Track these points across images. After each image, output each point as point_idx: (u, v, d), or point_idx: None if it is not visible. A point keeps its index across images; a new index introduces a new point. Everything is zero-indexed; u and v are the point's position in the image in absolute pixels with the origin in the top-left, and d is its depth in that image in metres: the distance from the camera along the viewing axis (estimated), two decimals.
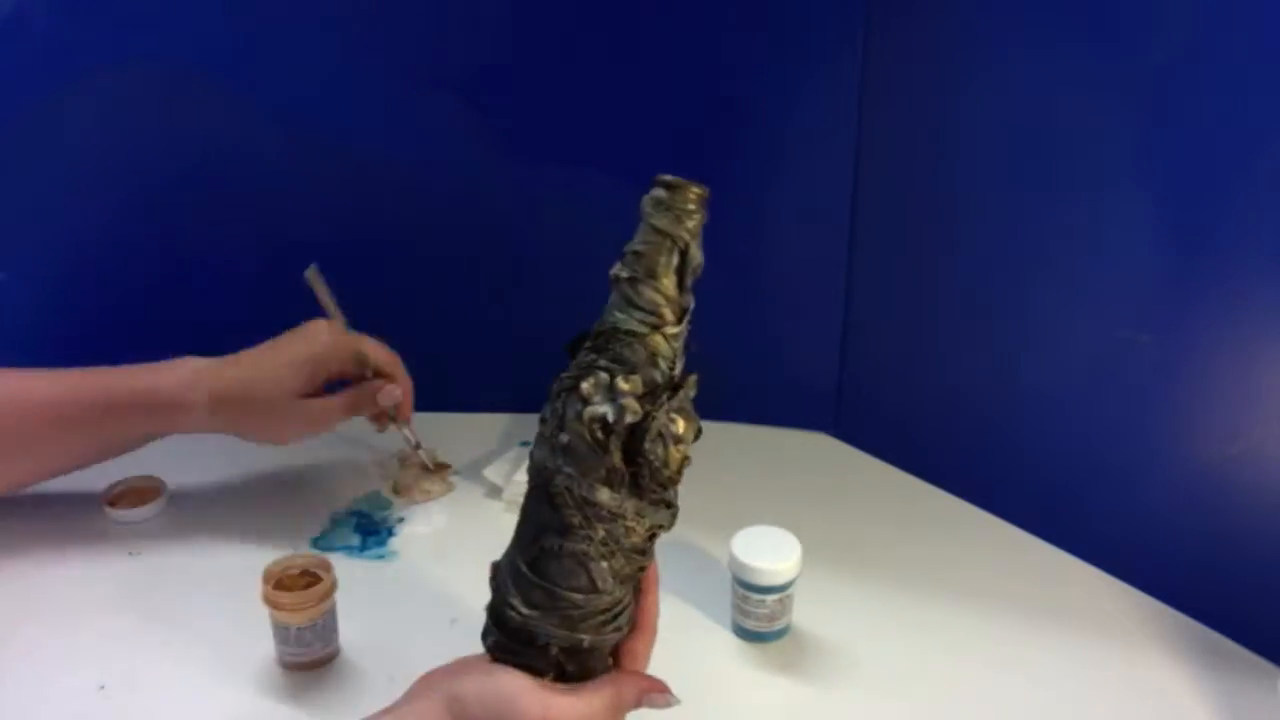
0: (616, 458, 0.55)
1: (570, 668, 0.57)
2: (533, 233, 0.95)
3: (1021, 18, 0.76)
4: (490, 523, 0.87)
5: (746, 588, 0.74)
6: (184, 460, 0.91)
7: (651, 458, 0.55)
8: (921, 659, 0.74)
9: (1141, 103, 0.71)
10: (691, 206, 0.57)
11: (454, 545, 0.84)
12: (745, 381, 0.98)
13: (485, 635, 0.59)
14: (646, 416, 0.55)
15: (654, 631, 0.61)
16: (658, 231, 0.56)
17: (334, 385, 0.83)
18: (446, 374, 0.99)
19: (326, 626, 0.71)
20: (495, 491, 0.90)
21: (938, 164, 0.84)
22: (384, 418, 0.86)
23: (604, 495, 0.55)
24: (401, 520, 0.87)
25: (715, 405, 1.01)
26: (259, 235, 0.94)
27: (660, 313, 0.56)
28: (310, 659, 0.71)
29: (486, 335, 0.98)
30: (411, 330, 0.98)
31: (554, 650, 0.56)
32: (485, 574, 0.70)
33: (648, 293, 0.56)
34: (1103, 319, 0.77)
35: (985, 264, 0.83)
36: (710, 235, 0.98)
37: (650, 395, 0.55)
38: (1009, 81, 0.78)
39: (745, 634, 0.76)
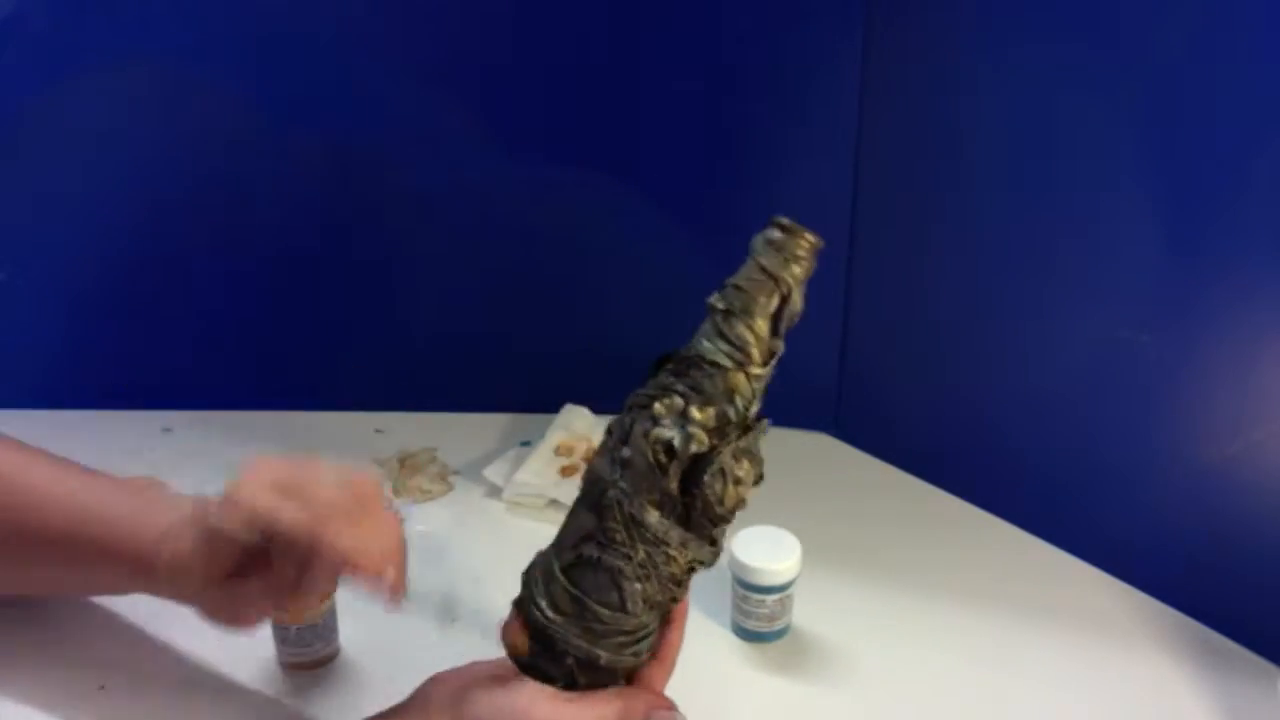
0: (674, 484, 0.55)
1: (582, 681, 0.57)
2: (533, 233, 0.95)
3: (1021, 17, 0.76)
4: (490, 523, 0.87)
5: (746, 588, 0.74)
6: (184, 460, 0.91)
7: (708, 492, 0.55)
8: (921, 659, 0.74)
9: (1141, 103, 0.71)
10: (801, 253, 0.57)
11: (454, 545, 0.84)
12: None
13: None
14: (712, 450, 0.54)
15: (673, 665, 0.60)
16: (763, 271, 0.57)
17: None
18: (446, 374, 0.99)
19: (326, 626, 0.71)
20: (495, 491, 0.90)
21: (938, 164, 0.84)
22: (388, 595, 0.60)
23: (653, 517, 0.55)
24: (402, 520, 0.86)
25: None
26: (259, 235, 0.94)
27: (748, 351, 0.56)
28: (310, 659, 0.71)
29: (486, 335, 0.98)
30: (411, 330, 0.98)
31: (569, 660, 0.56)
32: (485, 573, 0.71)
33: (740, 329, 0.56)
34: (1103, 319, 0.77)
35: (985, 264, 0.83)
36: (711, 235, 0.99)
37: (720, 430, 0.55)
38: (1009, 81, 0.78)
39: (745, 634, 0.76)
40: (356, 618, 0.73)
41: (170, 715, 0.68)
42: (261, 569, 0.58)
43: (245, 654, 0.72)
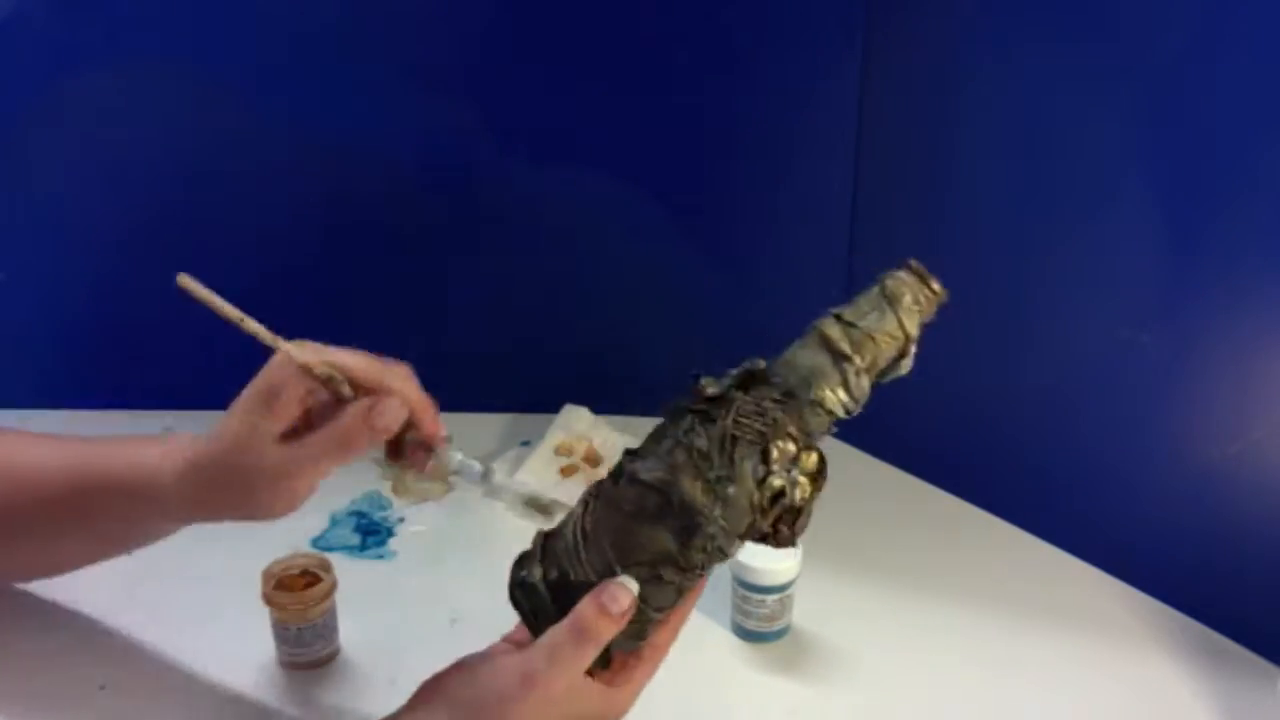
0: (768, 524, 0.55)
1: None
2: (533, 233, 0.95)
3: (1021, 18, 0.76)
4: (490, 523, 0.86)
5: (746, 588, 0.74)
6: None
7: (796, 532, 0.55)
8: (921, 659, 0.74)
9: (1141, 103, 0.71)
10: (929, 307, 0.58)
11: (454, 545, 0.84)
12: None
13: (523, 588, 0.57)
14: (811, 497, 0.55)
15: (678, 629, 0.60)
16: (901, 329, 0.57)
17: None
18: (446, 374, 0.98)
19: (326, 626, 0.71)
20: (495, 491, 0.89)
21: (938, 164, 0.84)
22: (412, 450, 0.61)
23: (736, 549, 0.55)
24: (401, 520, 0.87)
25: None
26: (259, 234, 0.94)
27: (862, 404, 0.56)
28: (310, 659, 0.71)
29: (486, 335, 0.98)
30: (411, 330, 0.98)
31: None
32: (485, 573, 0.70)
33: (865, 384, 0.56)
34: (1103, 319, 0.77)
35: (985, 264, 0.83)
36: (711, 235, 0.99)
37: (815, 475, 0.56)
38: (1009, 81, 0.78)
39: (745, 634, 0.76)
40: (356, 618, 0.73)
41: (170, 715, 0.68)
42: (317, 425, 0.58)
43: (245, 654, 0.72)
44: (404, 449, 0.60)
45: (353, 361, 0.58)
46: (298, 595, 0.70)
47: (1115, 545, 0.81)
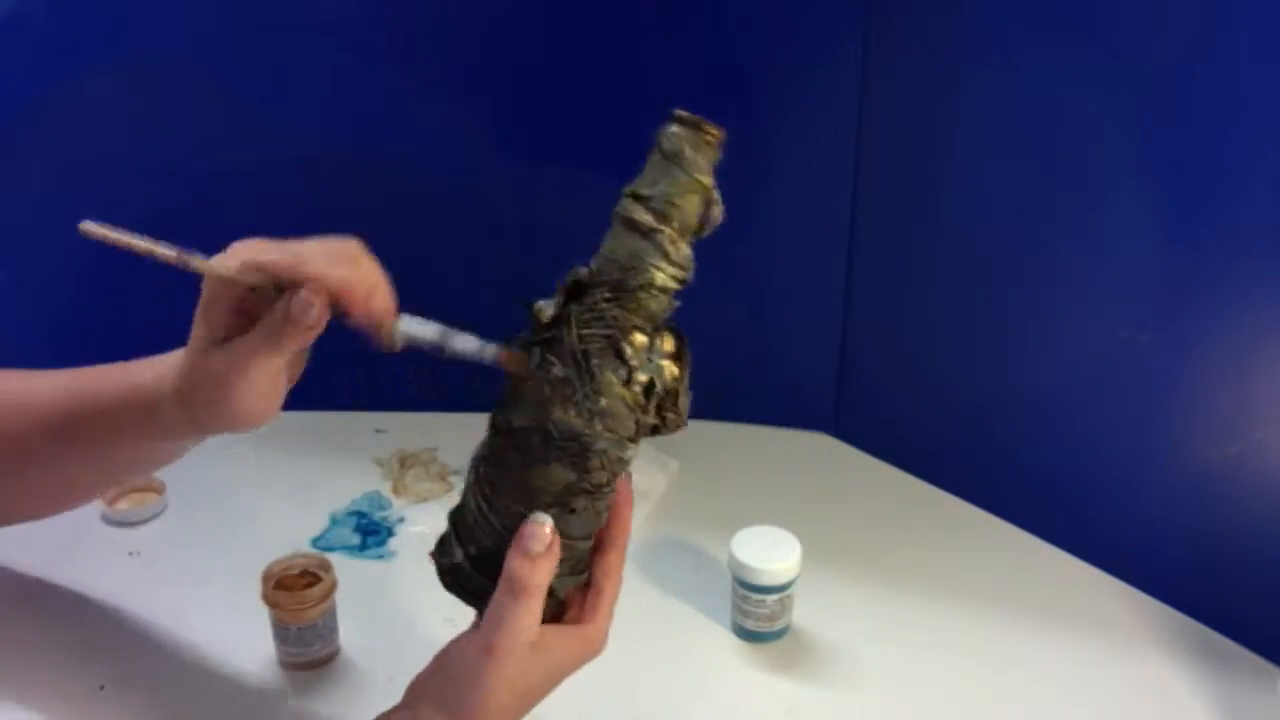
0: (651, 417, 0.54)
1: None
2: (533, 232, 0.95)
3: (1021, 18, 0.76)
4: None
5: (746, 588, 0.74)
6: (184, 460, 0.91)
7: (680, 413, 0.55)
8: (921, 659, 0.74)
9: (1141, 103, 0.71)
10: (714, 152, 0.56)
11: None
12: (745, 381, 0.98)
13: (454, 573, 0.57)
14: (682, 375, 0.55)
15: (624, 548, 0.59)
16: (696, 182, 0.55)
17: None
18: (446, 374, 0.99)
19: (326, 626, 0.71)
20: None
21: (938, 164, 0.84)
22: (368, 331, 0.59)
23: (632, 451, 0.55)
24: (401, 520, 0.87)
25: (715, 405, 1.01)
26: (259, 235, 0.94)
27: (690, 270, 0.56)
28: (310, 659, 0.71)
29: (486, 335, 0.98)
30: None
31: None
32: None
33: (685, 249, 0.55)
34: (1103, 319, 0.77)
35: (985, 264, 0.83)
36: (711, 235, 0.98)
37: (678, 353, 0.55)
38: (1009, 81, 0.78)
39: (745, 634, 0.76)
40: (356, 618, 0.74)
41: (170, 715, 0.68)
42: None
43: (245, 654, 0.72)
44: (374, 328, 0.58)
45: (276, 257, 0.56)
46: (298, 595, 0.70)
47: (1115, 545, 0.81)
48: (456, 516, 0.57)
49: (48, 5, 0.86)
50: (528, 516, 0.54)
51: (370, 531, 0.85)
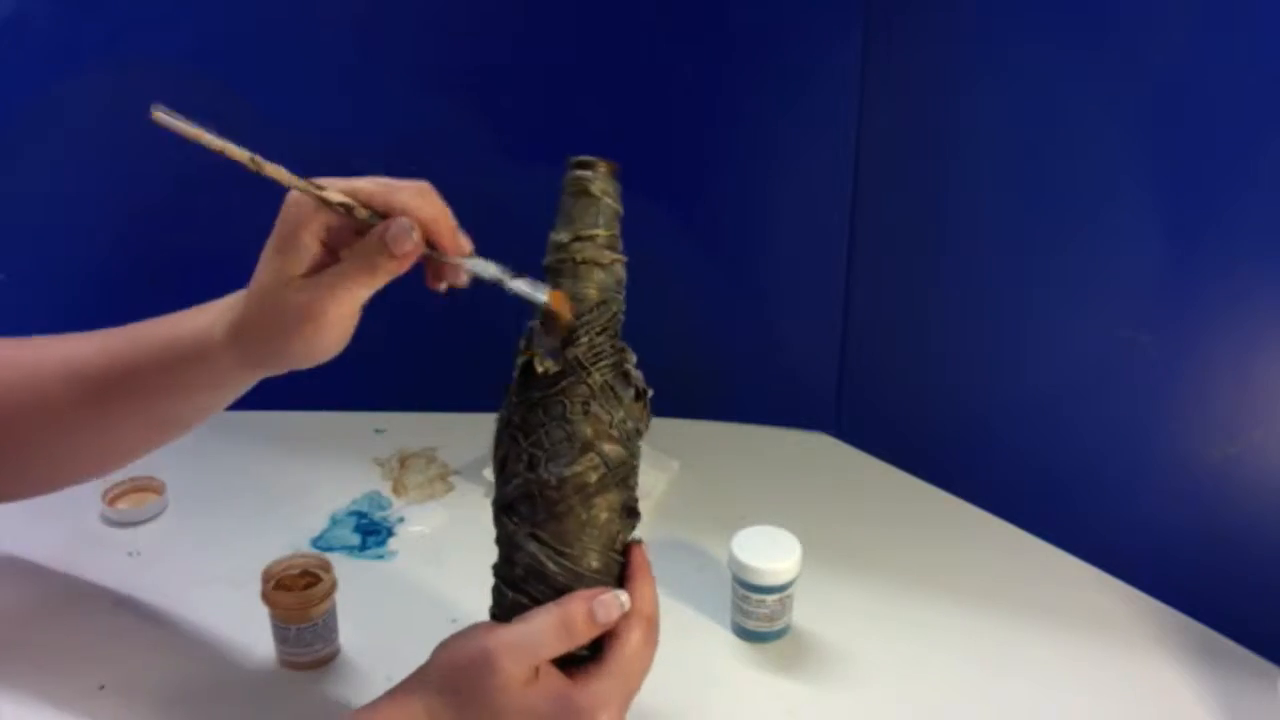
0: (648, 421, 0.60)
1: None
2: (533, 232, 0.95)
3: (1021, 17, 0.76)
4: (490, 523, 0.86)
5: (746, 588, 0.74)
6: (184, 460, 0.91)
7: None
8: (921, 659, 0.74)
9: (1141, 103, 0.71)
10: (611, 174, 0.62)
11: (454, 545, 0.84)
12: (745, 381, 0.98)
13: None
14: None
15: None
16: (614, 200, 0.62)
17: None
18: (447, 374, 0.99)
19: (326, 626, 0.71)
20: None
21: (938, 164, 0.84)
22: (436, 268, 0.61)
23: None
24: (401, 520, 0.87)
25: (715, 405, 1.01)
26: (258, 235, 0.94)
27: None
28: (310, 659, 0.71)
29: (486, 335, 0.98)
30: (411, 330, 0.98)
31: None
32: (484, 574, 0.71)
33: (620, 271, 0.62)
34: (1103, 319, 0.77)
35: (985, 264, 0.83)
36: (711, 235, 0.99)
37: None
38: (1009, 81, 0.78)
39: (745, 634, 0.76)
40: (356, 618, 0.74)
41: (170, 715, 0.68)
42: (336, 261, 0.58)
43: (245, 654, 0.72)
44: (434, 269, 0.60)
45: (366, 185, 0.57)
46: (298, 595, 0.70)
47: (1115, 545, 0.81)
48: (508, 572, 0.59)
49: (48, 5, 0.86)
50: (597, 568, 0.57)
51: (370, 531, 0.85)
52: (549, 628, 0.54)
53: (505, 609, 0.58)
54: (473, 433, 0.97)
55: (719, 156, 0.90)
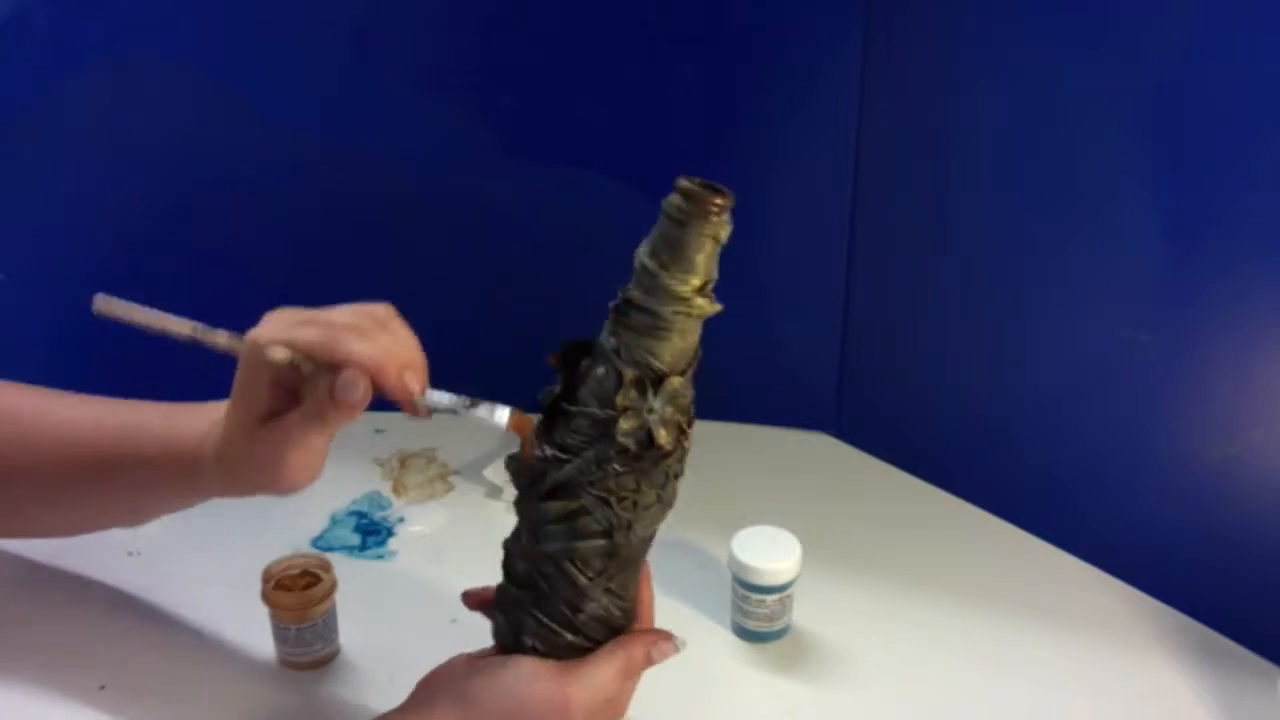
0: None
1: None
2: (532, 233, 0.95)
3: (1021, 17, 0.76)
4: (490, 523, 0.86)
5: (746, 588, 0.74)
6: None
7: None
8: (921, 659, 0.74)
9: (1142, 102, 0.71)
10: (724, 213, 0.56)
11: (454, 545, 0.84)
12: (745, 381, 0.98)
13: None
14: None
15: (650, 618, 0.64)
16: (711, 239, 0.56)
17: None
18: (446, 374, 0.98)
19: (326, 626, 0.71)
20: (495, 492, 0.90)
21: (938, 164, 0.84)
22: (401, 404, 0.61)
23: None
24: (401, 520, 0.87)
25: (715, 405, 1.01)
26: (258, 235, 0.94)
27: None
28: (310, 659, 0.71)
29: (486, 335, 0.98)
30: (411, 330, 0.98)
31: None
32: (484, 574, 0.71)
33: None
34: (1103, 319, 0.77)
35: (985, 264, 0.83)
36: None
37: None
38: (1009, 81, 0.78)
39: (745, 634, 0.76)
40: (356, 618, 0.74)
41: (170, 715, 0.68)
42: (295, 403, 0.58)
43: (245, 654, 0.72)
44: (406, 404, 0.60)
45: (310, 336, 0.56)
46: (298, 595, 0.70)
47: (1115, 545, 0.81)
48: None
49: (48, 5, 0.86)
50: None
51: (370, 531, 0.85)
52: (616, 674, 0.58)
53: (560, 648, 0.59)
54: (473, 433, 0.97)
55: (719, 156, 0.90)
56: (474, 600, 0.64)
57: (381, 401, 1.03)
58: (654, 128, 0.90)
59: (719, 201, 0.54)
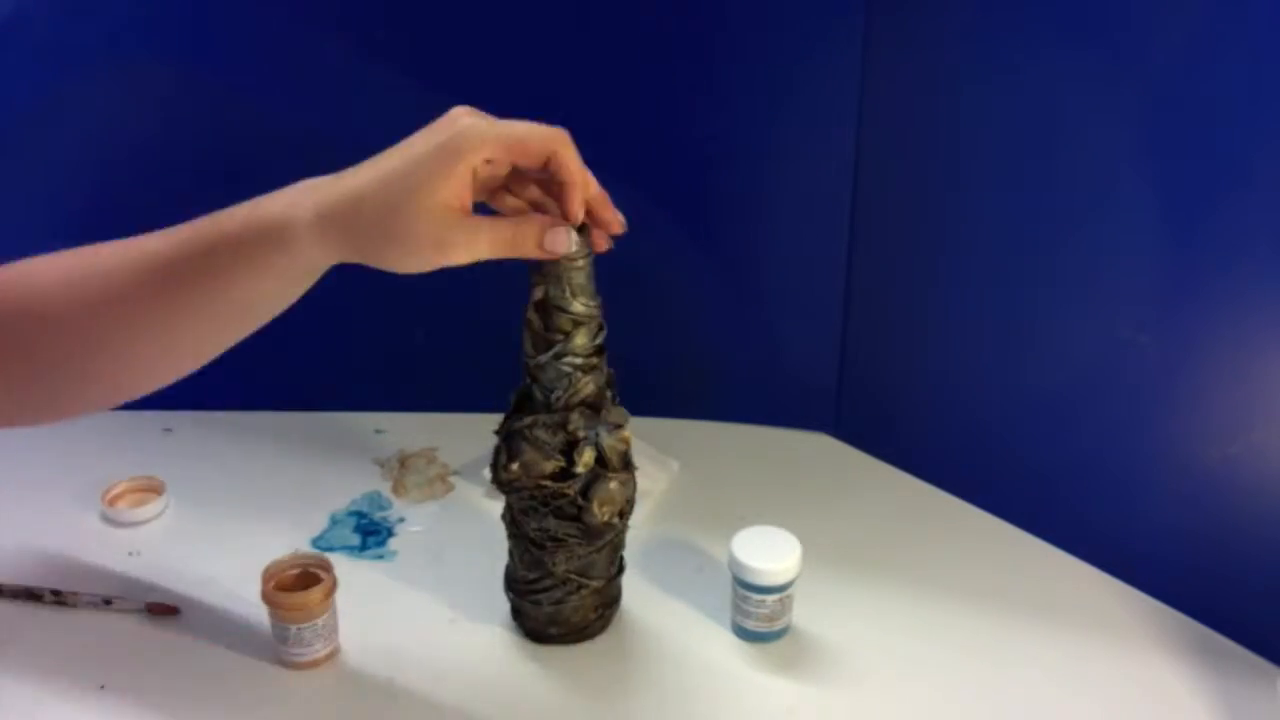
0: None
1: None
2: None
3: (1021, 17, 0.76)
4: (490, 523, 0.86)
5: (746, 588, 0.74)
6: (184, 460, 0.91)
7: None
8: (921, 659, 0.74)
9: (1141, 103, 0.71)
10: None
11: (454, 545, 0.84)
12: (745, 381, 0.98)
13: None
14: None
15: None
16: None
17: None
18: (447, 374, 0.99)
19: (326, 626, 0.71)
20: (495, 491, 0.90)
21: (938, 164, 0.84)
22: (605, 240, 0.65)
23: None
24: (401, 520, 0.87)
25: (715, 405, 1.01)
26: None
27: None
28: (310, 659, 0.71)
29: (486, 335, 0.98)
30: (411, 330, 0.98)
31: None
32: (485, 573, 0.71)
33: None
34: (1103, 319, 0.77)
35: (985, 264, 0.83)
36: (711, 235, 0.99)
37: None
38: (1009, 81, 0.78)
39: (745, 634, 0.76)
40: (356, 618, 0.74)
41: (170, 715, 0.68)
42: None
43: (245, 654, 0.72)
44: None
45: (550, 145, 0.60)
46: (298, 595, 0.70)
47: (1115, 545, 0.81)
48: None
49: (48, 5, 0.86)
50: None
51: (370, 531, 0.85)
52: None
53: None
54: (473, 433, 0.97)
55: (719, 156, 0.90)
56: None
57: (382, 401, 1.03)
58: (654, 127, 0.90)
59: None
